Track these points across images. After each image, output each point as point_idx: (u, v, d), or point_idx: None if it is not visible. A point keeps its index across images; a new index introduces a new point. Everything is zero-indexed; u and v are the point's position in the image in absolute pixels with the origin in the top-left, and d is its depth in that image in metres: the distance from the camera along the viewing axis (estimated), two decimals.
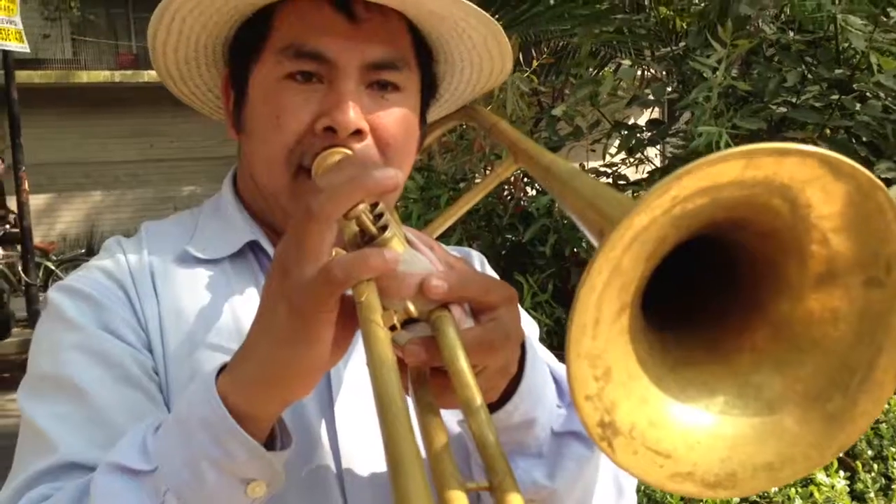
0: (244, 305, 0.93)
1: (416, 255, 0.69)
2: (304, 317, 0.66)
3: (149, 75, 12.96)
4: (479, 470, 0.79)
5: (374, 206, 0.71)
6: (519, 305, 0.75)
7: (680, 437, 0.51)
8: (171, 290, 0.93)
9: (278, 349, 0.68)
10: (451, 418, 0.74)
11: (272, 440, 0.75)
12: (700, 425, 0.52)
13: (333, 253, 0.68)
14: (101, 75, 14.63)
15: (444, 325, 0.64)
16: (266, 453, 0.71)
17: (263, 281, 0.91)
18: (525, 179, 3.70)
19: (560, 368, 0.90)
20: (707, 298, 0.58)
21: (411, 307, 0.62)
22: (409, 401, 0.63)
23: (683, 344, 0.55)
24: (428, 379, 0.68)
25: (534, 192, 3.78)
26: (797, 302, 0.51)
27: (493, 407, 0.76)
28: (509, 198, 3.73)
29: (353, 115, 0.87)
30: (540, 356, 0.83)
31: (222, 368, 0.73)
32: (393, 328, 0.62)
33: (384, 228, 0.69)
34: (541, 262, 3.55)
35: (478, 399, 0.60)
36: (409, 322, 0.68)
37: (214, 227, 1.00)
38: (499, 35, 0.96)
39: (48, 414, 0.84)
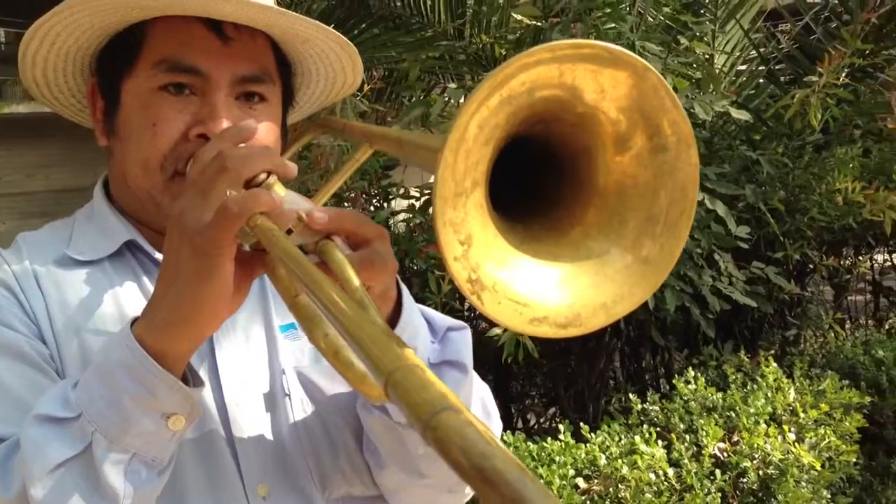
0: (125, 296, 0.99)
1: (297, 196, 0.81)
2: (207, 253, 0.75)
3: None
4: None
5: None
6: None
7: (534, 290, 0.63)
8: (56, 287, 0.98)
9: (186, 288, 0.76)
10: None
11: (185, 381, 0.82)
12: (549, 280, 0.65)
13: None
14: None
15: (331, 249, 0.76)
16: (184, 387, 0.79)
17: (144, 278, 1.00)
18: (364, 196, 3.80)
19: (430, 312, 1.02)
20: (546, 188, 0.71)
21: (303, 214, 0.72)
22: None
23: (529, 227, 0.68)
24: None
25: (372, 208, 3.89)
26: (607, 175, 0.66)
27: None
28: None
29: (227, 124, 0.95)
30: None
31: (135, 319, 0.80)
32: (289, 232, 0.71)
33: (268, 175, 0.80)
34: None
35: (365, 297, 0.70)
36: None
37: (91, 231, 1.05)
38: (353, 55, 1.08)
39: None
